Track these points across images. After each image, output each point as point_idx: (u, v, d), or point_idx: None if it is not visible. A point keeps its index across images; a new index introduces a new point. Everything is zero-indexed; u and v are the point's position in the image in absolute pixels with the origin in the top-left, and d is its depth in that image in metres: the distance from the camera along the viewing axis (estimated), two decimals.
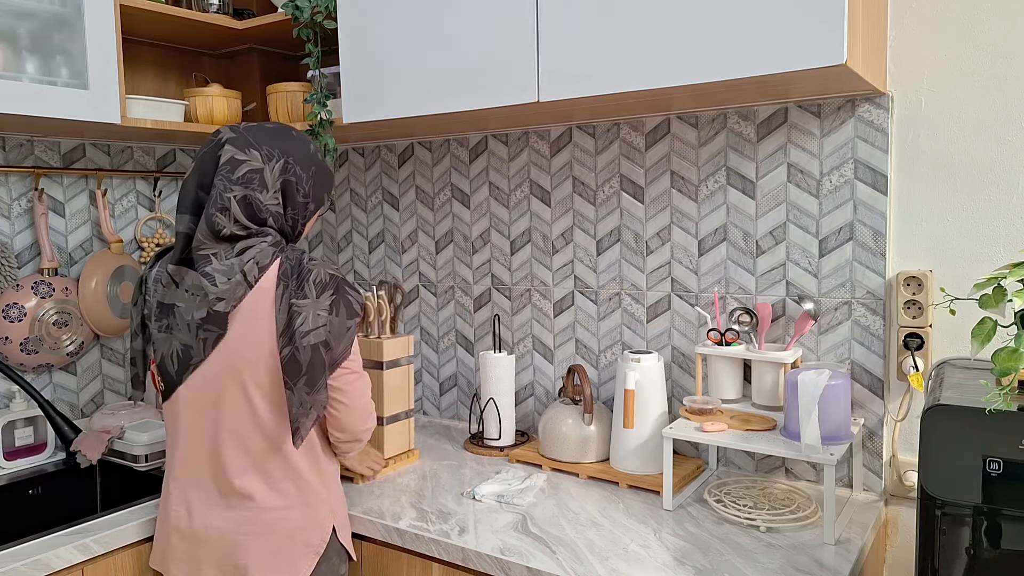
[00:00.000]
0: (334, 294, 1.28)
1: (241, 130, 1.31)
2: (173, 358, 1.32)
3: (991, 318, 1.09)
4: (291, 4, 1.84)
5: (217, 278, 1.25)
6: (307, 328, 1.24)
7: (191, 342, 1.29)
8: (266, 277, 1.28)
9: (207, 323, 1.27)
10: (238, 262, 1.26)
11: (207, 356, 1.29)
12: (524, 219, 1.97)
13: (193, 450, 1.35)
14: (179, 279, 1.29)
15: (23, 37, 1.66)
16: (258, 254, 1.27)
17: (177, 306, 1.29)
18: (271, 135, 1.32)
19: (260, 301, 1.27)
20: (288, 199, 1.32)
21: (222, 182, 1.26)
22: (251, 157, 1.28)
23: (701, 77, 1.30)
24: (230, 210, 1.26)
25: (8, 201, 1.91)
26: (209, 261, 1.26)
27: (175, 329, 1.30)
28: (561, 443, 1.72)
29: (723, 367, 1.62)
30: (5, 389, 1.91)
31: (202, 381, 1.31)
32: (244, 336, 1.27)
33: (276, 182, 1.30)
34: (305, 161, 1.34)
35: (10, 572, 1.30)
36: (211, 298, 1.25)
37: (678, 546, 1.33)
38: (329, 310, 1.27)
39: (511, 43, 1.49)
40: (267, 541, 1.32)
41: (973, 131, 1.45)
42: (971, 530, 1.03)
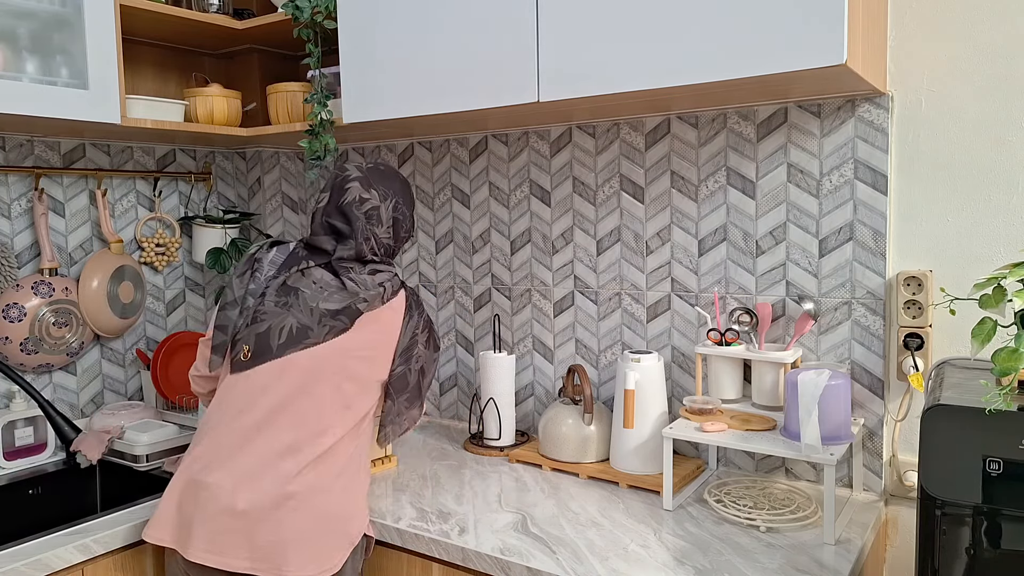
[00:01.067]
0: (428, 332, 1.53)
1: (365, 170, 1.53)
2: (282, 332, 1.41)
3: (991, 318, 1.09)
4: (291, 4, 1.84)
5: (361, 286, 1.45)
6: (419, 356, 1.50)
7: (311, 324, 1.41)
8: (395, 300, 1.49)
9: (340, 314, 1.42)
10: (372, 280, 1.46)
11: (324, 340, 1.41)
12: (524, 219, 1.97)
13: (262, 420, 1.37)
14: (308, 273, 1.46)
15: (23, 37, 1.66)
16: (389, 280, 1.49)
17: (302, 291, 1.44)
18: (386, 178, 1.54)
19: (385, 318, 1.46)
20: (395, 234, 1.54)
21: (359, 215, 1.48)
22: (372, 196, 1.50)
23: (701, 77, 1.30)
24: (371, 240, 1.49)
25: (8, 201, 1.92)
26: (348, 272, 1.47)
27: (294, 308, 1.42)
28: (561, 443, 1.72)
29: (723, 367, 1.62)
30: (5, 389, 1.91)
31: (312, 359, 1.40)
32: (363, 339, 1.43)
33: (388, 219, 1.51)
34: (409, 202, 1.56)
35: (10, 572, 1.30)
36: (359, 296, 1.43)
37: (678, 546, 1.33)
38: (426, 345, 1.52)
39: (511, 43, 1.49)
40: (310, 521, 1.33)
41: (973, 131, 1.45)
42: (971, 530, 1.03)
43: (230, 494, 1.32)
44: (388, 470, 1.76)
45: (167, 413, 2.08)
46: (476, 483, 1.66)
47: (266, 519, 1.31)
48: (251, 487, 1.33)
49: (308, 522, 1.33)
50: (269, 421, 1.37)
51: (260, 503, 1.32)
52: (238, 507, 1.32)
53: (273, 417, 1.37)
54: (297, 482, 1.33)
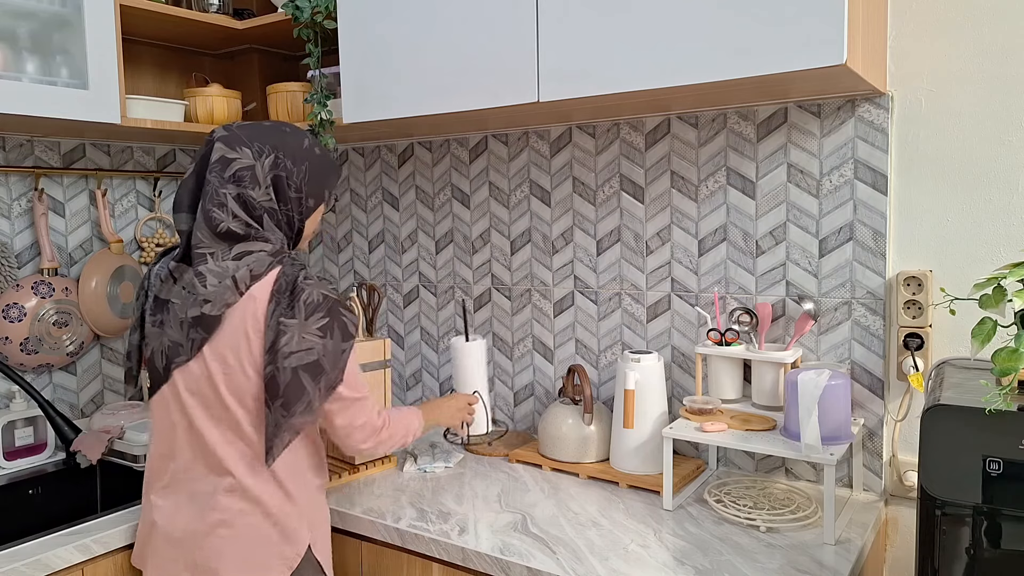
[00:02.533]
0: (325, 316, 1.25)
1: (234, 128, 1.30)
2: (161, 354, 1.31)
3: (991, 318, 1.09)
4: (291, 4, 1.84)
5: (208, 279, 1.24)
6: (290, 349, 1.22)
7: (181, 340, 1.28)
8: (258, 287, 1.25)
9: (197, 324, 1.26)
10: (232, 266, 1.25)
11: (192, 356, 1.27)
12: (524, 219, 1.97)
13: (174, 448, 1.33)
14: (177, 276, 1.28)
15: (23, 37, 1.66)
16: (254, 262, 1.26)
17: (172, 302, 1.29)
18: (263, 132, 1.31)
19: (249, 310, 1.25)
20: (280, 194, 1.30)
21: (216, 179, 1.26)
22: (242, 155, 1.27)
23: (701, 77, 1.30)
24: (227, 206, 1.25)
25: (8, 201, 1.92)
26: (204, 260, 1.25)
27: (167, 325, 1.30)
28: (561, 443, 1.72)
29: (723, 367, 1.62)
30: (5, 389, 1.91)
31: (186, 380, 1.30)
32: (229, 343, 1.25)
33: (267, 177, 1.28)
34: (298, 155, 1.31)
35: (10, 572, 1.30)
36: (199, 300, 1.24)
37: (678, 546, 1.33)
38: (321, 333, 1.24)
39: (511, 43, 1.49)
40: (240, 547, 1.29)
41: (973, 131, 1.45)
42: (971, 530, 1.03)
43: (165, 521, 1.34)
44: (388, 470, 1.76)
45: None
46: (476, 483, 1.66)
47: (200, 546, 1.30)
48: (184, 515, 1.32)
49: (239, 547, 1.29)
50: (182, 449, 1.32)
51: (193, 530, 1.30)
52: (174, 535, 1.32)
53: (184, 445, 1.32)
54: (222, 509, 1.29)
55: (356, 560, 1.53)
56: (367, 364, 1.72)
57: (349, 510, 1.52)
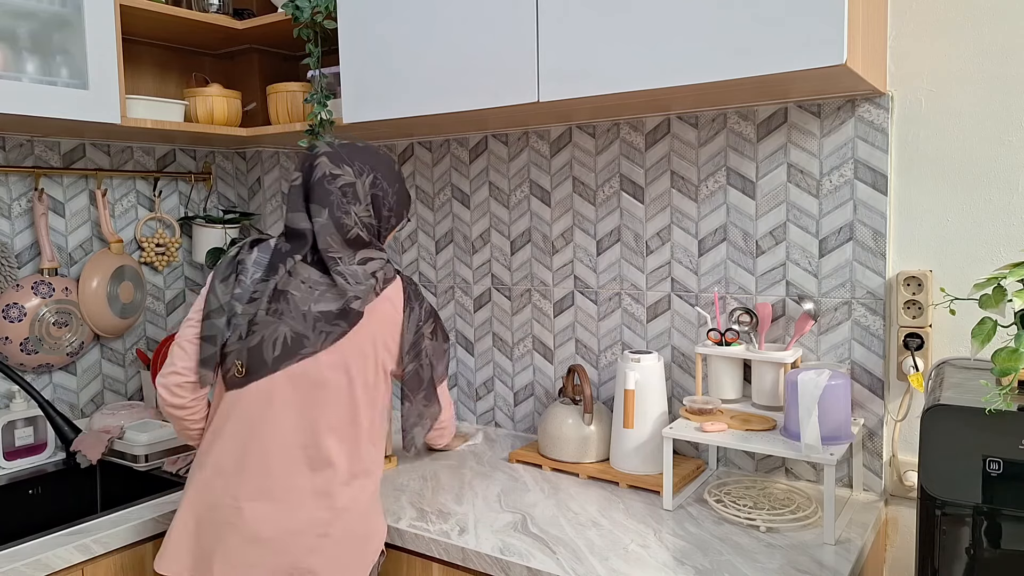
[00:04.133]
0: (434, 322, 1.45)
1: (336, 146, 1.40)
2: (276, 343, 1.30)
3: (991, 318, 1.09)
4: (291, 4, 1.84)
5: (350, 279, 1.34)
6: (428, 351, 1.42)
7: (306, 332, 1.30)
8: (390, 289, 1.38)
9: (336, 318, 1.31)
10: (363, 270, 1.35)
11: (322, 349, 1.30)
12: (524, 219, 1.97)
13: (274, 441, 1.29)
14: (296, 272, 1.34)
15: (23, 37, 1.66)
16: (380, 268, 1.38)
17: (292, 294, 1.32)
18: (363, 153, 1.41)
19: (383, 311, 1.36)
20: (376, 212, 1.39)
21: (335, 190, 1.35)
22: (344, 172, 1.36)
23: (701, 77, 1.30)
24: (351, 215, 1.36)
25: (8, 201, 1.91)
26: (337, 263, 1.34)
27: (286, 315, 1.31)
28: (561, 443, 1.72)
29: (723, 367, 1.62)
30: (5, 389, 1.91)
31: (310, 371, 1.30)
32: (363, 339, 1.33)
33: (367, 195, 1.38)
34: (391, 177, 1.42)
35: (10, 572, 1.30)
36: (348, 293, 1.32)
37: (678, 546, 1.33)
38: (432, 336, 1.43)
39: (511, 43, 1.49)
40: (340, 544, 1.29)
41: (973, 131, 1.45)
42: (971, 530, 1.03)
43: (253, 522, 1.26)
44: (388, 470, 1.75)
45: None
46: (476, 483, 1.66)
47: (293, 547, 1.25)
48: (274, 513, 1.27)
49: (335, 547, 1.28)
50: (280, 441, 1.29)
51: (286, 530, 1.26)
52: (262, 535, 1.26)
53: (283, 436, 1.29)
54: (322, 505, 1.28)
55: None
56: None
57: None
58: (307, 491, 1.29)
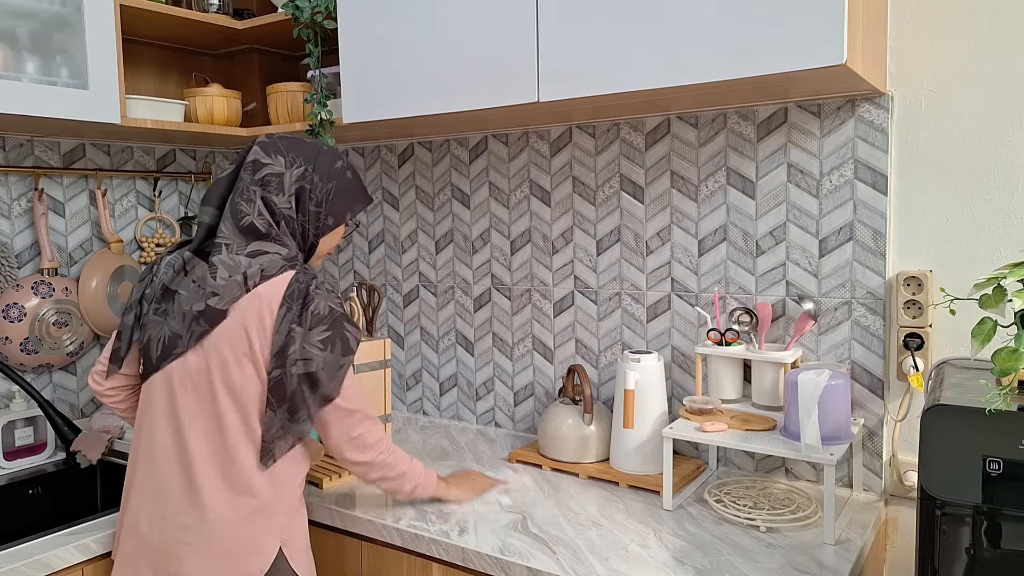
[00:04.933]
0: (328, 329, 1.27)
1: (275, 137, 1.35)
2: (158, 344, 1.30)
3: (991, 318, 1.09)
4: (291, 4, 1.84)
5: (220, 271, 1.26)
6: (296, 357, 1.25)
7: (181, 331, 1.28)
8: (266, 286, 1.26)
9: (202, 317, 1.26)
10: (245, 262, 1.27)
11: (189, 348, 1.27)
12: (524, 219, 1.97)
13: (152, 440, 1.31)
14: (190, 268, 1.30)
15: (23, 37, 1.66)
16: (267, 262, 1.28)
17: (179, 293, 1.29)
18: (301, 145, 1.36)
19: (253, 309, 1.25)
20: (300, 206, 1.33)
21: (247, 177, 1.31)
22: (275, 161, 1.32)
23: (701, 77, 1.30)
24: (255, 203, 1.29)
25: (8, 201, 1.92)
26: (220, 250, 1.27)
27: (169, 315, 1.30)
28: (561, 443, 1.72)
29: (723, 367, 1.62)
30: (5, 389, 1.91)
31: (180, 373, 1.28)
32: (229, 337, 1.25)
33: (291, 187, 1.32)
34: (327, 173, 1.36)
35: (10, 572, 1.30)
36: (207, 291, 1.26)
37: (678, 546, 1.33)
38: (323, 345, 1.26)
39: (511, 43, 1.49)
40: (203, 556, 1.25)
41: (973, 131, 1.45)
42: (971, 530, 1.03)
43: (135, 516, 1.31)
44: None
45: None
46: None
47: (166, 550, 1.27)
48: (151, 512, 1.29)
49: (201, 558, 1.25)
50: (160, 441, 1.30)
51: (158, 530, 1.28)
52: (142, 531, 1.30)
53: (161, 437, 1.29)
54: (186, 514, 1.26)
55: (356, 560, 1.53)
56: (367, 364, 1.71)
57: (349, 510, 1.52)
58: (177, 494, 1.27)
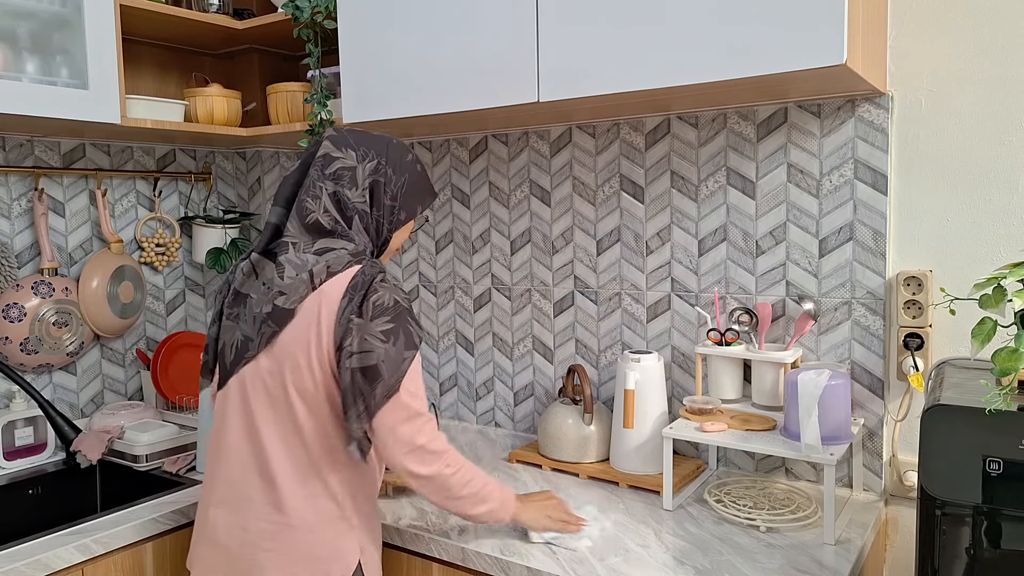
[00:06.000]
0: (392, 321, 1.21)
1: (343, 131, 1.32)
2: (232, 348, 1.28)
3: (991, 318, 1.09)
4: (291, 4, 1.84)
5: (287, 270, 1.23)
6: (353, 349, 1.19)
7: (252, 334, 1.25)
8: (332, 283, 1.22)
9: (270, 318, 1.23)
10: (312, 260, 1.23)
11: (260, 351, 1.24)
12: (524, 219, 1.97)
13: (228, 447, 1.29)
14: (259, 270, 1.27)
15: (23, 37, 1.66)
16: (334, 259, 1.24)
17: (250, 296, 1.26)
18: (371, 138, 1.33)
19: (321, 306, 1.21)
20: (375, 200, 1.30)
21: (316, 173, 1.27)
22: (346, 155, 1.28)
23: (701, 77, 1.30)
24: (321, 199, 1.26)
25: (8, 201, 1.91)
26: (287, 249, 1.24)
27: (241, 319, 1.27)
28: (561, 443, 1.72)
29: (723, 367, 1.62)
30: (5, 389, 1.91)
31: (253, 376, 1.26)
32: (298, 338, 1.22)
33: (365, 180, 1.29)
34: (399, 166, 1.32)
35: (10, 572, 1.30)
36: (273, 292, 1.23)
37: (678, 546, 1.33)
38: (384, 337, 1.20)
39: (511, 43, 1.49)
40: (285, 562, 1.23)
41: (973, 131, 1.45)
42: (971, 530, 1.03)
43: (213, 525, 1.29)
44: None
45: (167, 413, 2.08)
46: None
47: (242, 557, 1.25)
48: (229, 520, 1.27)
49: (282, 562, 1.23)
50: (235, 447, 1.28)
51: (238, 539, 1.26)
52: (219, 540, 1.27)
53: (237, 442, 1.27)
54: (267, 519, 1.24)
55: None
56: None
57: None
58: (257, 500, 1.25)
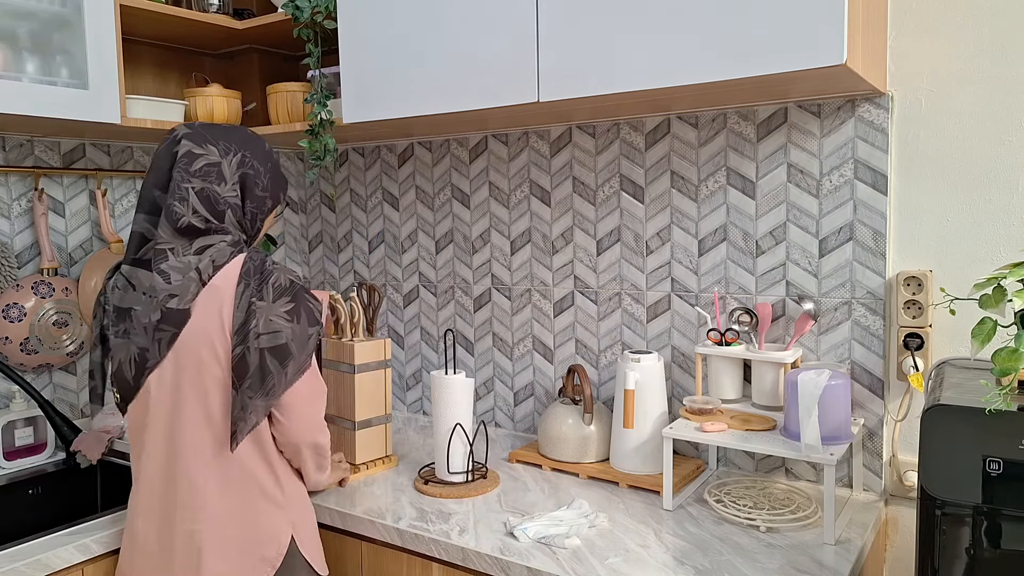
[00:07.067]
0: (291, 301, 1.27)
1: (197, 127, 1.32)
2: (130, 363, 1.29)
3: (991, 318, 1.09)
4: (291, 4, 1.84)
5: (171, 275, 1.24)
6: (260, 330, 1.23)
7: (147, 344, 1.26)
8: (220, 275, 1.26)
9: (162, 323, 1.24)
10: (195, 259, 1.25)
11: (163, 357, 1.26)
12: (524, 219, 1.97)
13: (153, 457, 1.30)
14: (135, 281, 1.27)
15: (23, 37, 1.66)
16: (215, 253, 1.27)
17: (134, 310, 1.27)
18: (227, 132, 1.34)
19: (214, 299, 1.25)
20: (247, 192, 1.32)
21: (180, 174, 1.26)
22: (208, 151, 1.29)
23: (701, 77, 1.30)
24: (188, 200, 1.25)
25: (8, 201, 1.92)
26: (165, 257, 1.25)
27: (132, 333, 1.27)
28: (561, 443, 1.72)
29: (723, 367, 1.62)
30: (5, 389, 1.91)
31: (159, 383, 1.28)
32: (198, 335, 1.24)
33: (234, 175, 1.30)
34: (262, 157, 1.35)
35: (10, 572, 1.30)
36: (162, 296, 1.24)
37: (678, 546, 1.33)
38: (288, 316, 1.26)
39: (511, 43, 1.49)
40: (219, 552, 1.27)
41: (973, 131, 1.45)
42: (971, 530, 1.03)
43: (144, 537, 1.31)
44: (388, 470, 1.75)
45: None
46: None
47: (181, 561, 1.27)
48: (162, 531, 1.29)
49: (219, 554, 1.27)
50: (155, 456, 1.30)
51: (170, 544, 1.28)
52: (150, 549, 1.30)
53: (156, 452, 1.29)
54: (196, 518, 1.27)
55: (356, 560, 1.53)
56: (367, 364, 1.72)
57: (349, 510, 1.52)
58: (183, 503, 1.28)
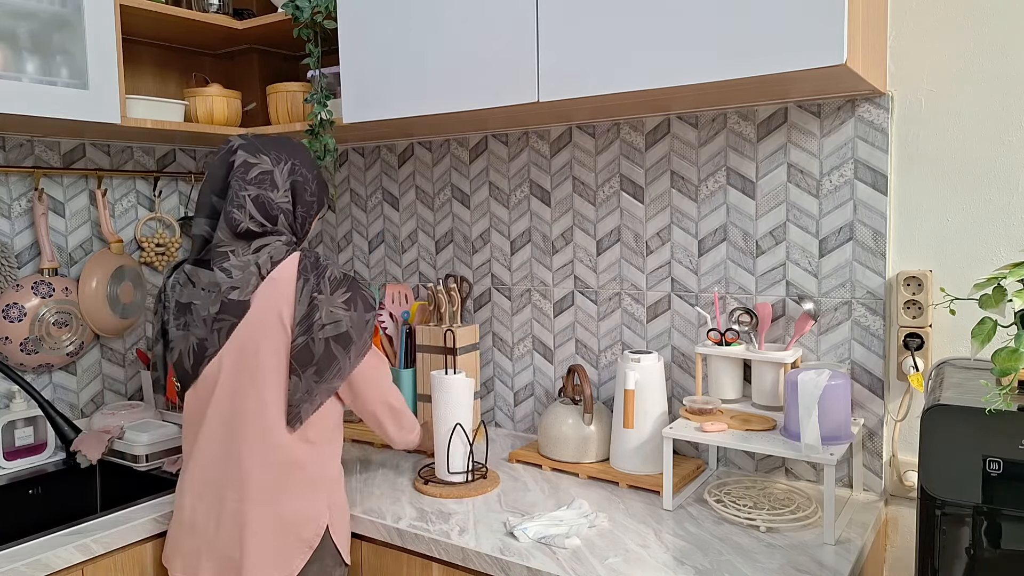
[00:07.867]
0: (348, 291, 1.39)
1: (250, 138, 1.43)
2: (189, 353, 1.39)
3: (991, 318, 1.09)
4: (291, 4, 1.84)
5: (233, 271, 1.36)
6: (323, 321, 1.35)
7: (206, 335, 1.37)
8: (278, 270, 1.37)
9: (221, 313, 1.35)
10: (253, 258, 1.37)
11: (221, 346, 1.36)
12: (524, 219, 1.97)
13: (208, 439, 1.39)
14: (195, 279, 1.39)
15: (23, 37, 1.66)
16: (272, 251, 1.39)
17: (194, 303, 1.38)
18: (277, 142, 1.45)
19: (273, 292, 1.36)
20: (297, 197, 1.43)
21: (237, 182, 1.38)
22: (261, 161, 1.40)
23: (701, 77, 1.30)
24: (246, 207, 1.37)
25: (8, 201, 1.92)
26: (227, 258, 1.37)
27: (192, 326, 1.38)
28: (561, 443, 1.72)
29: (723, 367, 1.62)
30: (5, 389, 1.91)
31: (216, 371, 1.37)
32: (256, 325, 1.35)
33: (286, 182, 1.42)
34: (309, 165, 1.47)
35: (10, 572, 1.30)
36: (224, 288, 1.35)
37: (678, 546, 1.33)
38: (346, 306, 1.38)
39: (511, 43, 1.49)
40: (261, 531, 1.35)
41: (973, 131, 1.45)
42: (971, 530, 1.03)
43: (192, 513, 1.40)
44: (387, 470, 1.75)
45: (167, 413, 2.07)
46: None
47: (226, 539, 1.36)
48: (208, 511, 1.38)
49: (260, 533, 1.35)
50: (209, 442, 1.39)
51: (217, 523, 1.37)
52: (198, 527, 1.39)
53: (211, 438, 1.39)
54: (247, 496, 1.36)
55: (356, 560, 1.53)
56: (467, 346, 1.92)
57: (349, 510, 1.52)
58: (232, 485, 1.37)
